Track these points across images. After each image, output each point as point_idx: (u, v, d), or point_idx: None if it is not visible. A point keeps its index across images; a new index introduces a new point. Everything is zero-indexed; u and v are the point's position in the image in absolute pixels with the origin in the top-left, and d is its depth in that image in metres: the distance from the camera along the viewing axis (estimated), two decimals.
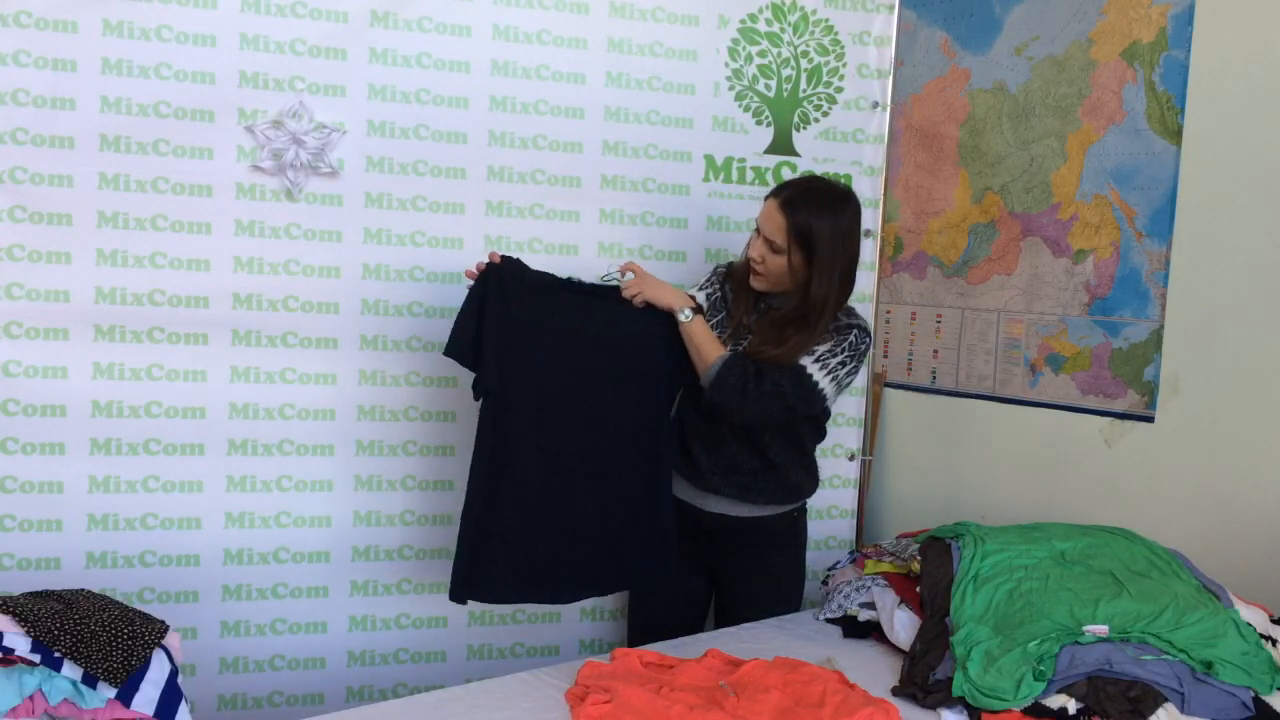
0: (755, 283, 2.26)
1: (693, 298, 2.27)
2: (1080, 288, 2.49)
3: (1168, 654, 1.80)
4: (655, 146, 2.60)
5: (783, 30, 2.69)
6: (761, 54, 2.68)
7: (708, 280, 2.42)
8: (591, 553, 2.23)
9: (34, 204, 2.22)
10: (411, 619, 2.53)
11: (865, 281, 2.80)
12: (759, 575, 2.36)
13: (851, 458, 2.81)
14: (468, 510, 2.16)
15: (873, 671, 1.98)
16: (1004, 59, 2.64)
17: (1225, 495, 2.24)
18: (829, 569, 2.49)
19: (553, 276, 2.25)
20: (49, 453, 2.28)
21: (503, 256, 2.18)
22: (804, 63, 2.71)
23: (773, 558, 2.37)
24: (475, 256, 2.48)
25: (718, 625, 2.39)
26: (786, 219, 2.15)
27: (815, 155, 2.73)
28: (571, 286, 2.25)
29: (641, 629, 2.44)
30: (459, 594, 2.15)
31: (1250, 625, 1.90)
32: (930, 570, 2.17)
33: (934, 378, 2.82)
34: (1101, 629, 1.87)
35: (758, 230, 2.23)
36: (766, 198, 2.23)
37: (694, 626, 2.40)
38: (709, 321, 2.28)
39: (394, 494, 2.50)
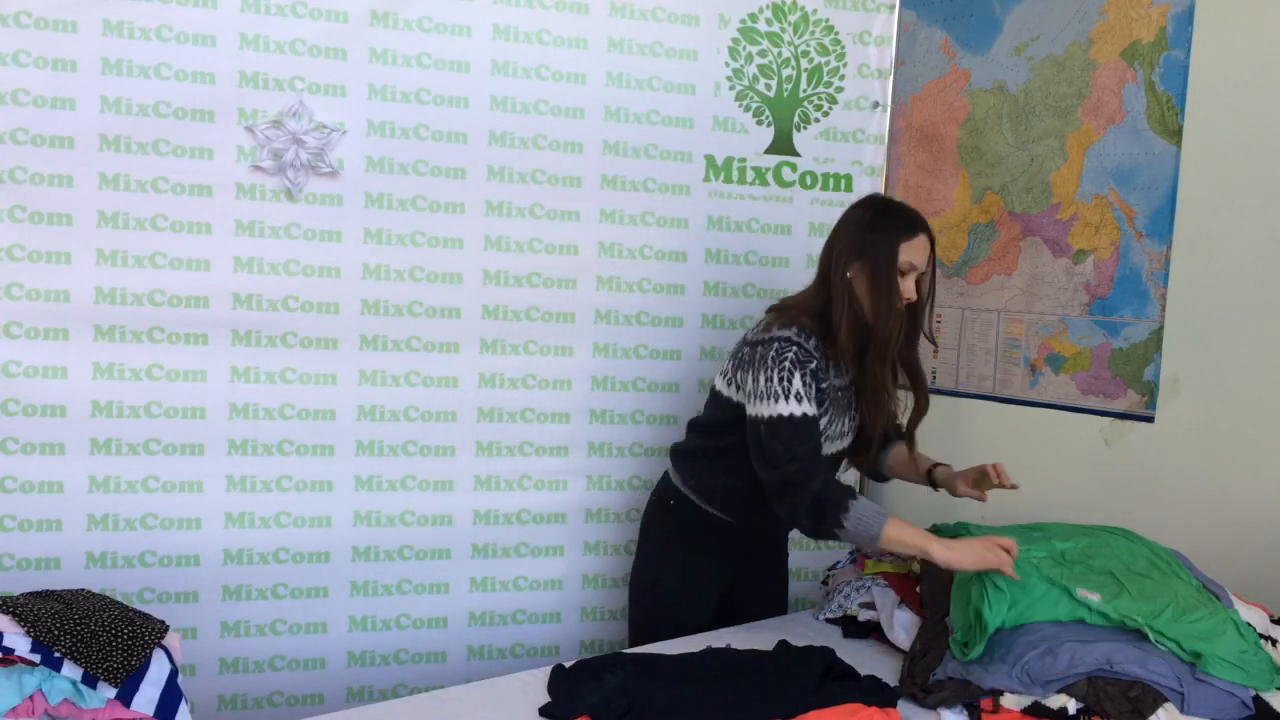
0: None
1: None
2: (1080, 288, 2.49)
3: (1161, 644, 1.80)
4: (655, 146, 2.60)
5: (783, 30, 2.69)
6: (762, 54, 2.68)
7: (803, 375, 2.00)
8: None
9: (34, 204, 2.22)
10: (411, 619, 2.53)
11: None
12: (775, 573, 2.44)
13: None
14: None
15: (873, 671, 1.98)
16: (1004, 59, 2.64)
17: (1225, 495, 2.24)
18: (829, 569, 2.49)
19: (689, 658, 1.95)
20: (49, 453, 2.28)
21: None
22: (804, 63, 2.71)
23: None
24: (475, 256, 2.50)
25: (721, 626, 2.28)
26: (931, 243, 2.07)
27: (815, 155, 2.73)
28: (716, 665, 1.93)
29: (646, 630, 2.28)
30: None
31: (1250, 625, 1.89)
32: (930, 570, 2.16)
33: (934, 378, 2.81)
34: (1094, 596, 1.88)
35: (905, 272, 2.03)
36: (910, 238, 2.03)
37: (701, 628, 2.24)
38: (834, 408, 2.10)
39: (394, 494, 2.50)
